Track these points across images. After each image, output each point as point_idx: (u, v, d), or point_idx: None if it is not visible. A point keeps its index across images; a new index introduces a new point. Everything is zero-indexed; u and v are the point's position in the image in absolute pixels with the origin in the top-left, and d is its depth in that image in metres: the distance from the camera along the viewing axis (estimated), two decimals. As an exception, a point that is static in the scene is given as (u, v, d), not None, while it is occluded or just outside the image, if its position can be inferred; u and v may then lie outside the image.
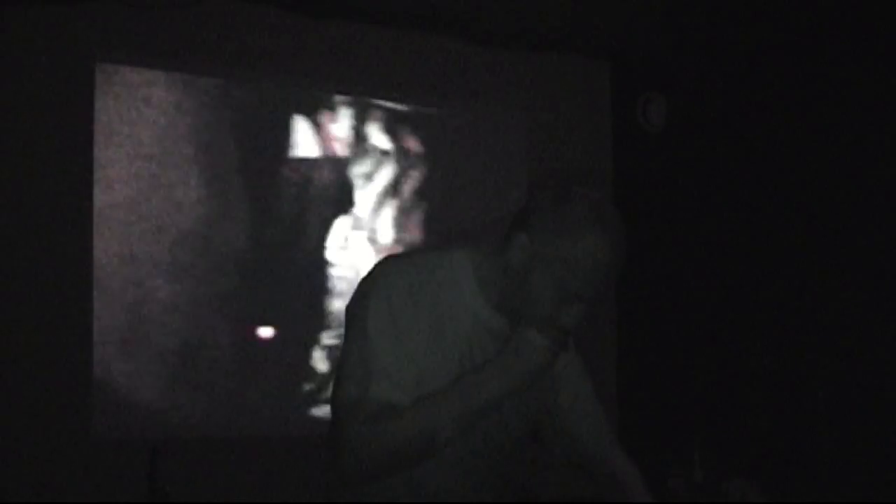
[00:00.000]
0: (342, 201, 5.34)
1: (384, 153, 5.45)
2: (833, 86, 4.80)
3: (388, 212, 5.45)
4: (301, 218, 5.24)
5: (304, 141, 5.25)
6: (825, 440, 4.63)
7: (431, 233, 5.54)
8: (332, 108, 5.33)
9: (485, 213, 5.62)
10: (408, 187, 5.51)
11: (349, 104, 5.37)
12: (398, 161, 5.48)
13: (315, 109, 5.29)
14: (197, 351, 4.93)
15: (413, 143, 5.53)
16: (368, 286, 1.93)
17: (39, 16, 4.65)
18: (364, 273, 2.00)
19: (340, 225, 5.32)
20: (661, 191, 5.73)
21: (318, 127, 5.29)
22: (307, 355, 5.17)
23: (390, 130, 5.47)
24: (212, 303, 4.98)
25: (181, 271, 4.92)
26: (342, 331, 1.95)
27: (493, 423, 1.96)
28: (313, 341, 5.18)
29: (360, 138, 5.39)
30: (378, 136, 5.43)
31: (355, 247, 5.34)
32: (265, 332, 5.08)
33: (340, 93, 5.34)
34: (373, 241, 5.39)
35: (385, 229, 5.44)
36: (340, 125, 5.34)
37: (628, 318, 5.88)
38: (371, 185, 5.42)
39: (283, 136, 5.20)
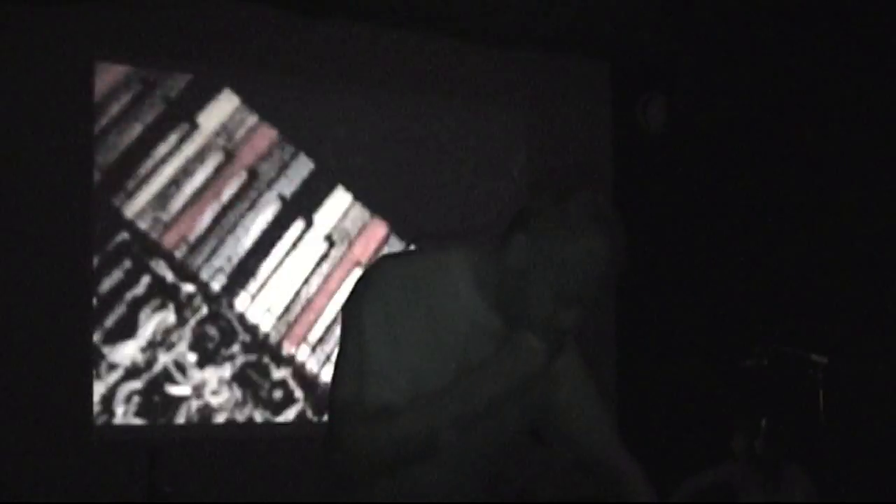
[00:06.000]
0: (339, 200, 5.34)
1: (384, 153, 5.44)
2: (833, 85, 4.80)
3: (388, 211, 5.45)
4: (299, 216, 5.24)
5: (301, 139, 5.25)
6: (825, 439, 4.63)
7: (431, 232, 5.53)
8: (330, 107, 5.33)
9: (485, 213, 5.61)
10: (408, 187, 5.51)
11: (348, 104, 5.37)
12: (398, 161, 5.48)
13: (314, 109, 5.28)
14: (197, 351, 4.93)
15: (413, 143, 5.52)
16: (364, 287, 1.90)
17: (39, 16, 4.65)
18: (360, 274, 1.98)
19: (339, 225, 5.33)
20: (660, 190, 5.73)
21: (316, 126, 5.29)
22: (308, 355, 5.16)
23: (390, 130, 5.46)
24: (214, 300, 4.97)
25: (184, 268, 4.92)
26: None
27: (491, 422, 1.95)
28: (315, 341, 5.18)
29: (360, 138, 5.39)
30: (378, 137, 5.43)
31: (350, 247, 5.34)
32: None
33: (340, 92, 5.34)
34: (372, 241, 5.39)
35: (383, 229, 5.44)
36: (340, 125, 5.34)
37: (628, 318, 5.88)
38: (370, 186, 5.42)
39: (281, 130, 5.21)
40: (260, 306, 5.12)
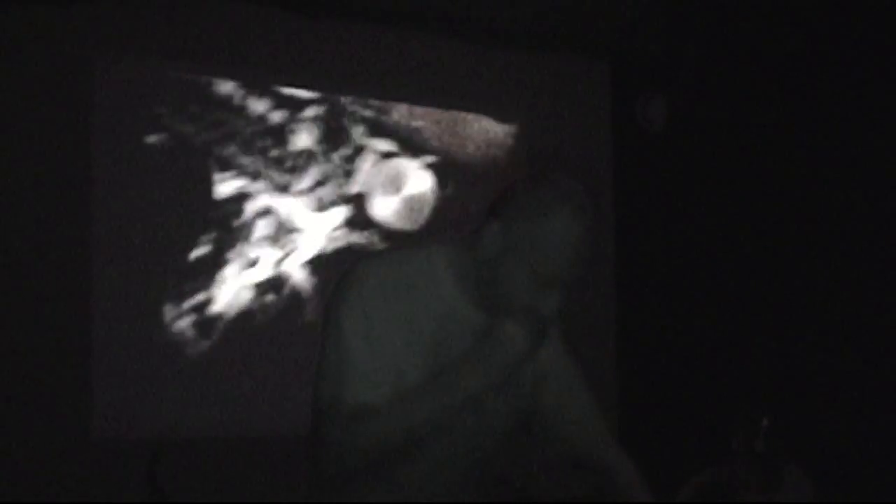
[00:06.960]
0: (339, 199, 5.34)
1: (385, 153, 5.45)
2: (833, 84, 4.80)
3: (388, 212, 5.45)
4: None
5: (301, 139, 5.25)
6: (825, 437, 4.63)
7: (431, 233, 5.54)
8: (330, 107, 5.33)
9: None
10: (408, 188, 5.51)
11: (347, 103, 5.37)
12: (398, 162, 5.48)
13: (315, 109, 5.29)
14: (197, 350, 4.93)
15: (414, 144, 5.52)
16: (344, 286, 1.91)
17: (39, 15, 4.65)
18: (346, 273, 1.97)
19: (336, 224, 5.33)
20: (660, 191, 5.73)
21: (316, 126, 5.29)
22: (307, 354, 5.16)
23: (390, 130, 5.47)
24: (214, 300, 4.98)
25: (182, 269, 4.92)
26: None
27: (477, 422, 1.94)
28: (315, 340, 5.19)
29: (360, 138, 5.39)
30: (378, 137, 5.43)
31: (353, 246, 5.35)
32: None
33: (340, 92, 5.34)
34: (370, 240, 5.39)
35: (384, 229, 5.44)
36: (338, 125, 5.34)
37: (628, 318, 5.88)
38: (371, 186, 5.42)
39: (280, 133, 5.21)
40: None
